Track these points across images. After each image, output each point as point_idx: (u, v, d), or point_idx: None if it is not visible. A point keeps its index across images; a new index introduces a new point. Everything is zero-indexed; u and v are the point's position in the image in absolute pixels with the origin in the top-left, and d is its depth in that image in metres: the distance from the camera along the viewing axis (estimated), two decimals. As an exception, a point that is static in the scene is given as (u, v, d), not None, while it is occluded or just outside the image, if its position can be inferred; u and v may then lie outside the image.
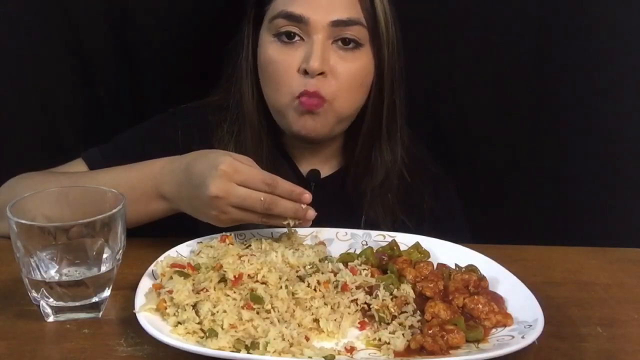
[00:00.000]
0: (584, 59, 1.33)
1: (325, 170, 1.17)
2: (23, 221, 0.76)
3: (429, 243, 0.96)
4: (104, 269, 0.80)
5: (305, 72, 1.02)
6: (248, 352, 0.72)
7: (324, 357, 0.72)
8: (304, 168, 1.16)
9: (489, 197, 1.41)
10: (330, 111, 1.05)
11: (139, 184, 0.96)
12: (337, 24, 1.02)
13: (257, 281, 0.82)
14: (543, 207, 1.41)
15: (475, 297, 0.82)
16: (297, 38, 1.04)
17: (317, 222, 0.98)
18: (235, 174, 0.86)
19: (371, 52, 1.07)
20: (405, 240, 0.97)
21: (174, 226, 0.98)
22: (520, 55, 1.36)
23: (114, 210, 0.79)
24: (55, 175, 1.06)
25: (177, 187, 0.93)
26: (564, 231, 1.35)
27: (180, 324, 0.76)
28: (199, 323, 0.76)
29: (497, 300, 0.83)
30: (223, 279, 0.81)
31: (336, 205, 1.12)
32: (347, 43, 1.04)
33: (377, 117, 1.11)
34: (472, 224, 1.21)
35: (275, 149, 1.14)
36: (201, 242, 0.94)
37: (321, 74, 1.02)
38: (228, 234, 0.94)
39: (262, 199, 0.86)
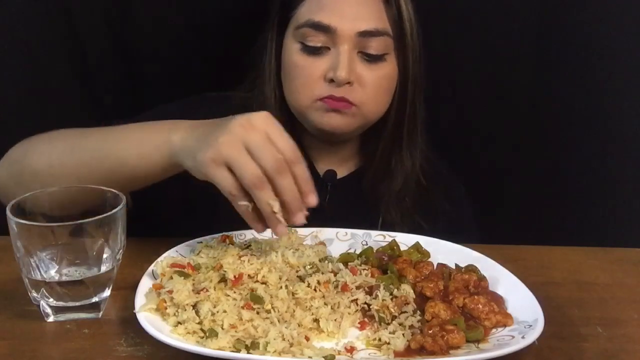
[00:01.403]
0: (584, 59, 1.33)
1: (342, 171, 1.17)
2: (23, 221, 0.76)
3: (429, 243, 0.96)
4: (104, 269, 0.80)
5: (332, 81, 1.02)
6: (248, 352, 0.72)
7: (324, 357, 0.72)
8: (321, 168, 1.16)
9: (489, 197, 1.41)
10: (359, 114, 1.05)
11: (152, 124, 0.92)
12: (364, 34, 1.02)
13: (257, 281, 0.82)
14: (543, 207, 1.41)
15: (475, 297, 0.82)
16: (323, 47, 1.03)
17: (333, 222, 0.98)
18: (268, 125, 0.81)
19: (395, 59, 1.07)
20: (405, 240, 0.97)
21: (174, 226, 0.97)
22: (520, 55, 1.36)
23: (114, 210, 0.79)
24: (65, 133, 0.99)
25: (191, 131, 0.86)
26: (564, 231, 1.35)
27: (180, 324, 0.76)
28: (199, 323, 0.76)
29: (497, 300, 0.83)
30: (223, 279, 0.81)
31: (352, 206, 1.11)
32: (372, 55, 1.04)
33: (399, 123, 1.11)
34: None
35: None
36: (201, 242, 0.94)
37: (348, 83, 1.02)
38: (228, 234, 0.94)
39: (279, 157, 0.79)
